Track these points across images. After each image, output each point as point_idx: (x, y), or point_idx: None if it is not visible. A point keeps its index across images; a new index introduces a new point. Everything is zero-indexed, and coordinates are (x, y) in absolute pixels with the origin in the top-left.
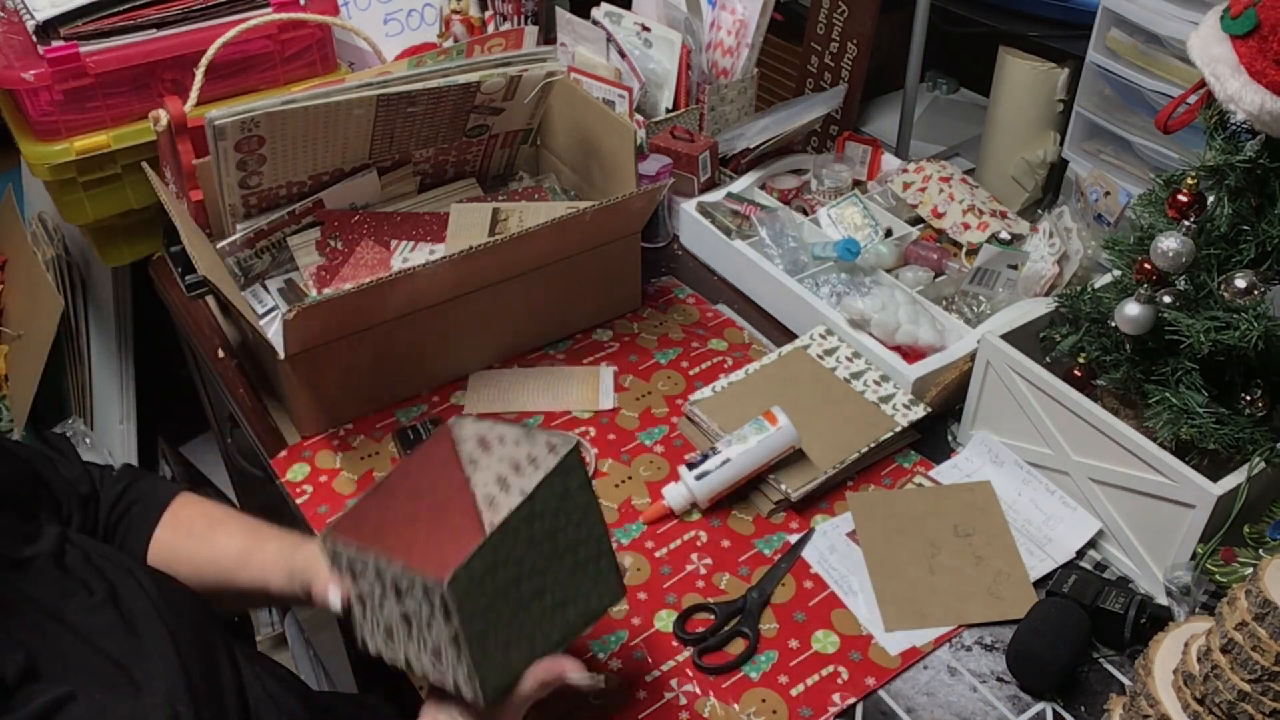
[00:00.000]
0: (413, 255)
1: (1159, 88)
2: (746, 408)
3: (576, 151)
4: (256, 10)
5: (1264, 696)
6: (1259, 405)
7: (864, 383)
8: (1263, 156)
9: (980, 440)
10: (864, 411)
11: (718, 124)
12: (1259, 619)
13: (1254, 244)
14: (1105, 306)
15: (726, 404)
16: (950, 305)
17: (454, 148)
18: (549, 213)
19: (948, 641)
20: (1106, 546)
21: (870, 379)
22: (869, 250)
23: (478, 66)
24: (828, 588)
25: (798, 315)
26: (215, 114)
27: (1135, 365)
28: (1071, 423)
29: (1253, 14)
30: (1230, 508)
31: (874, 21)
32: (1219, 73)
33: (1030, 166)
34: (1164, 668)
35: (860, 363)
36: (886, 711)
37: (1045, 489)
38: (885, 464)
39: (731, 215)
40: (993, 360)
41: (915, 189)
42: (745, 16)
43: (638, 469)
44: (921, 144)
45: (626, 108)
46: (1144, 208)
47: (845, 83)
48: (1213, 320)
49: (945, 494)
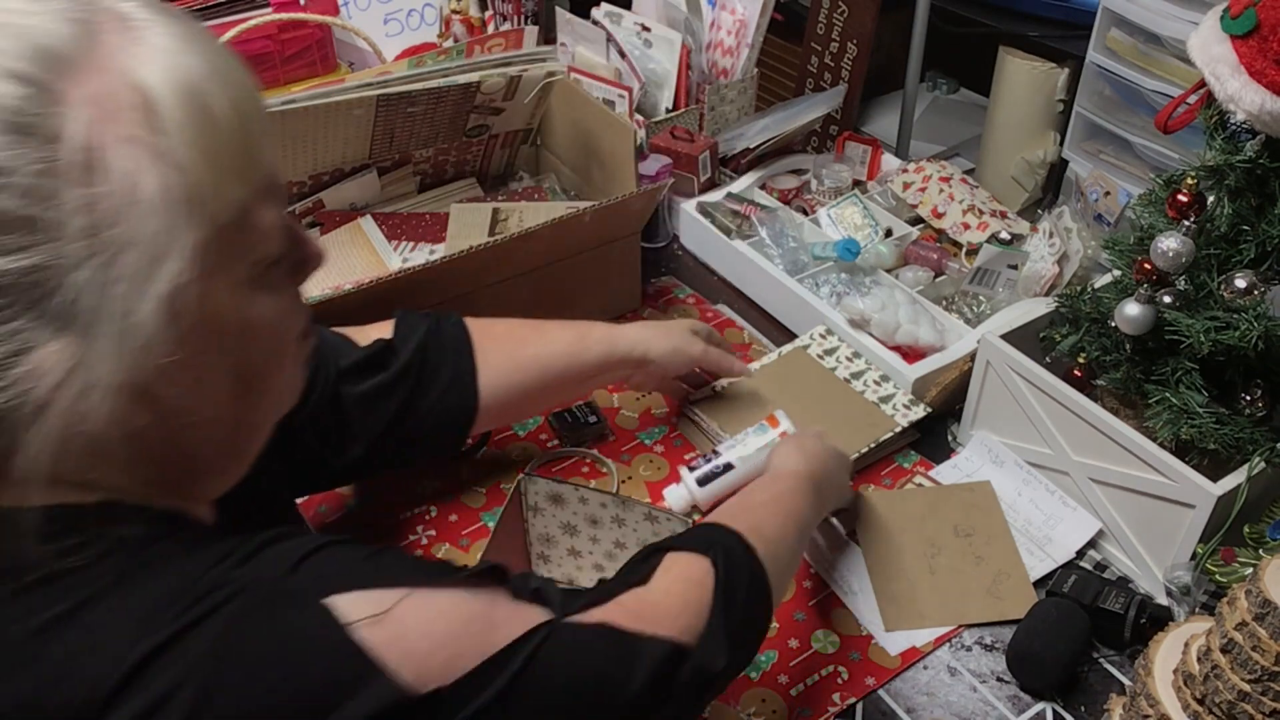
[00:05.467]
0: (413, 255)
1: (1159, 88)
2: (747, 407)
3: (576, 151)
4: (256, 10)
5: (1264, 696)
6: (1259, 405)
7: (864, 382)
8: (1263, 156)
9: (980, 440)
10: (864, 411)
11: (718, 124)
12: (1259, 619)
13: (1254, 244)
14: (1105, 306)
15: (727, 404)
16: (950, 305)
17: (454, 148)
18: (549, 213)
19: (948, 641)
20: (1106, 546)
21: (870, 379)
22: (869, 250)
23: (478, 66)
24: (828, 587)
25: (798, 315)
26: None
27: (1135, 365)
28: (1071, 423)
29: (1253, 14)
30: (1230, 508)
31: (874, 21)
32: (1219, 73)
33: (1030, 166)
34: (1164, 668)
35: (860, 362)
36: (886, 711)
37: (1045, 489)
38: (885, 464)
39: (731, 215)
40: (993, 360)
41: (915, 189)
42: (745, 16)
43: (638, 469)
44: (921, 144)
45: (626, 108)
46: (1144, 208)
47: (845, 83)
48: (1213, 320)
49: (946, 494)
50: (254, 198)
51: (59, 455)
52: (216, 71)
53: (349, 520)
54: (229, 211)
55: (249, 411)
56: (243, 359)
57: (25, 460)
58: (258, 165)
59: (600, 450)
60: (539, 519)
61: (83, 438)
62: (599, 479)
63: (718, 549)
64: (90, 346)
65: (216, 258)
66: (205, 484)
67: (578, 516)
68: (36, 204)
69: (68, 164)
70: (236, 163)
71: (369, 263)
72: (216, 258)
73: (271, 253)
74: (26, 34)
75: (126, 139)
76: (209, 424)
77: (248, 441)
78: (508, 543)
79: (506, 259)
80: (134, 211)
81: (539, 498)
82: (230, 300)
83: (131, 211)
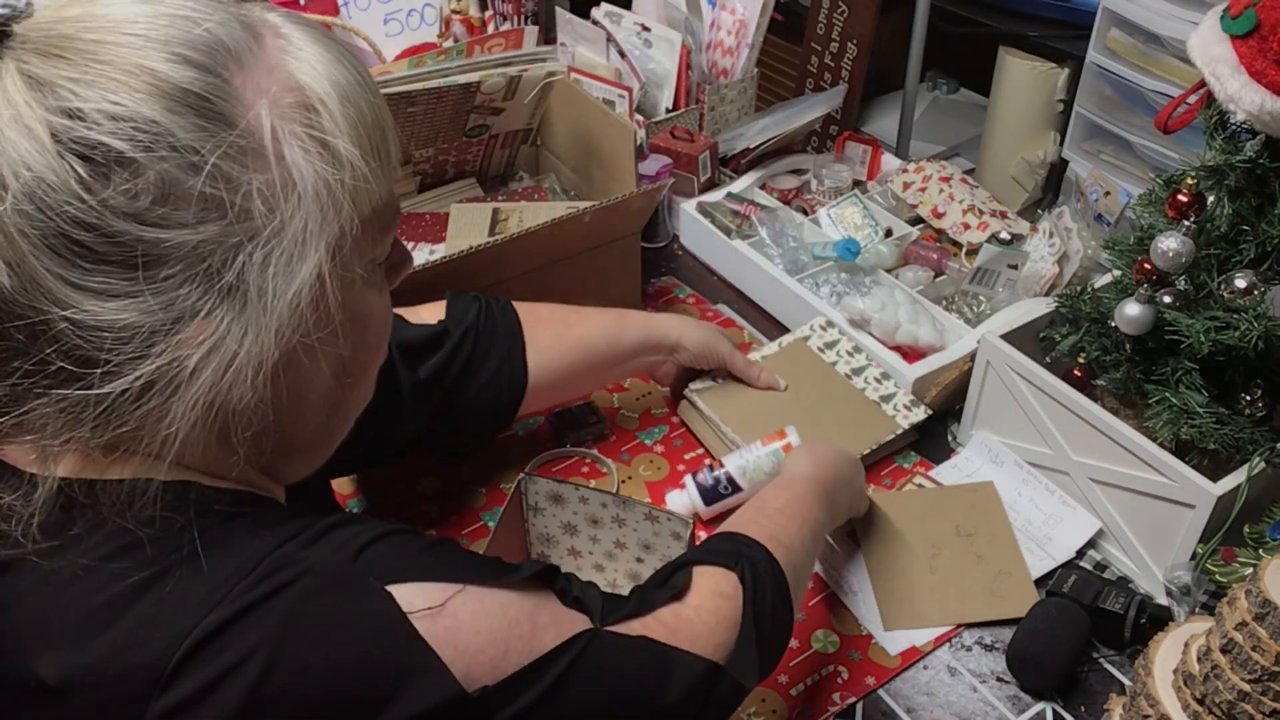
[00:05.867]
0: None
1: (1159, 88)
2: (748, 400)
3: (576, 151)
4: None
5: (1264, 696)
6: (1259, 405)
7: (865, 379)
8: (1263, 156)
9: (980, 440)
10: (866, 412)
11: (718, 124)
12: (1259, 619)
13: (1254, 244)
14: (1105, 306)
15: (728, 396)
16: (950, 305)
17: (454, 148)
18: (549, 213)
19: (948, 641)
20: (1106, 546)
21: (871, 375)
22: (869, 250)
23: (478, 66)
24: (828, 587)
25: (798, 315)
26: None
27: (1135, 365)
28: (1071, 423)
29: (1253, 14)
30: (1230, 508)
31: (874, 21)
32: (1219, 73)
33: (1030, 166)
34: (1164, 668)
35: (861, 358)
36: (886, 711)
37: (1045, 489)
38: (885, 464)
39: (731, 215)
40: (993, 360)
41: (915, 189)
42: (745, 16)
43: (638, 469)
44: (921, 144)
45: (626, 108)
46: (1144, 208)
47: (845, 83)
48: (1213, 320)
49: (948, 494)
50: (383, 199)
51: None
52: (360, 81)
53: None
54: (368, 206)
55: (344, 400)
56: (356, 348)
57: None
58: (391, 166)
59: (600, 450)
60: (539, 519)
61: (221, 411)
62: (599, 479)
63: (745, 563)
64: (240, 321)
65: (353, 249)
66: (294, 465)
67: (578, 516)
68: (215, 183)
69: (244, 149)
70: (377, 163)
71: None
72: (353, 249)
73: (386, 250)
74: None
75: (294, 134)
76: (313, 408)
77: (338, 428)
78: (508, 542)
79: (506, 259)
80: (296, 200)
81: (539, 497)
82: (354, 292)
83: (294, 200)
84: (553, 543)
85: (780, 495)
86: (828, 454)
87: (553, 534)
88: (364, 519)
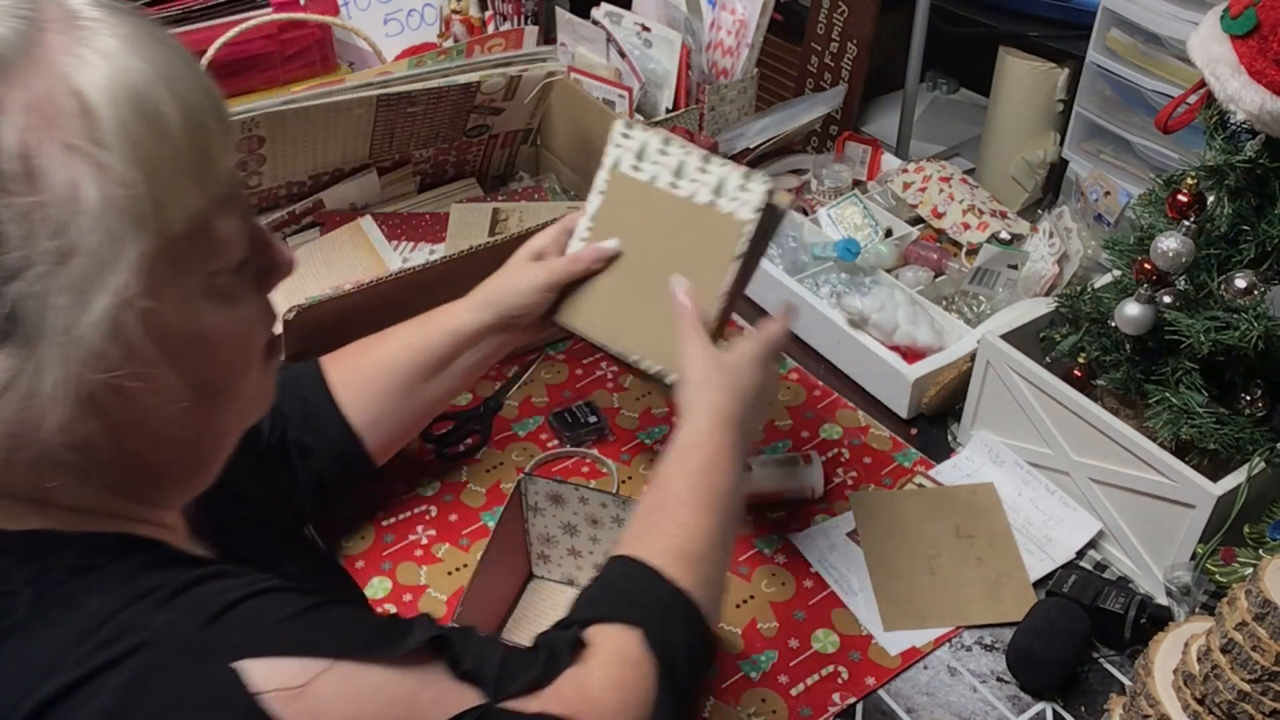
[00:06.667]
0: (413, 255)
1: (1159, 88)
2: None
3: (576, 151)
4: (256, 10)
5: (1264, 696)
6: (1259, 405)
7: (689, 179)
8: (1263, 156)
9: (980, 440)
10: (704, 225)
11: (718, 124)
12: (1259, 619)
13: (1254, 244)
14: (1105, 306)
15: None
16: (950, 305)
17: (454, 148)
18: (549, 213)
19: (948, 641)
20: (1106, 546)
21: (691, 167)
22: (869, 250)
23: (478, 66)
24: (828, 587)
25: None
26: None
27: (1135, 365)
28: (1071, 423)
29: (1253, 14)
30: (1230, 508)
31: (874, 21)
32: (1219, 73)
33: (1030, 166)
34: (1164, 668)
35: (674, 148)
36: (886, 711)
37: (1045, 489)
38: (885, 464)
39: None
40: (993, 360)
41: (915, 189)
42: (745, 16)
43: (638, 469)
44: (921, 144)
45: (626, 108)
46: (1144, 208)
47: (845, 83)
48: (1213, 320)
49: (948, 495)
50: (211, 206)
51: (6, 464)
52: (165, 76)
53: (349, 521)
54: (181, 222)
55: (211, 422)
56: (200, 370)
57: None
58: (214, 172)
59: (600, 450)
60: (539, 519)
61: (31, 447)
62: (599, 479)
63: (646, 612)
64: (33, 357)
65: (167, 269)
66: (167, 492)
67: (578, 516)
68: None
69: (2, 172)
70: (188, 171)
71: (369, 263)
72: (167, 269)
73: (232, 262)
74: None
75: (65, 147)
76: (165, 433)
77: (211, 451)
78: (508, 542)
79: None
80: (75, 222)
81: (539, 498)
82: (183, 312)
83: (72, 222)
84: (552, 543)
85: (682, 472)
86: (722, 380)
87: (553, 534)
88: (243, 572)
